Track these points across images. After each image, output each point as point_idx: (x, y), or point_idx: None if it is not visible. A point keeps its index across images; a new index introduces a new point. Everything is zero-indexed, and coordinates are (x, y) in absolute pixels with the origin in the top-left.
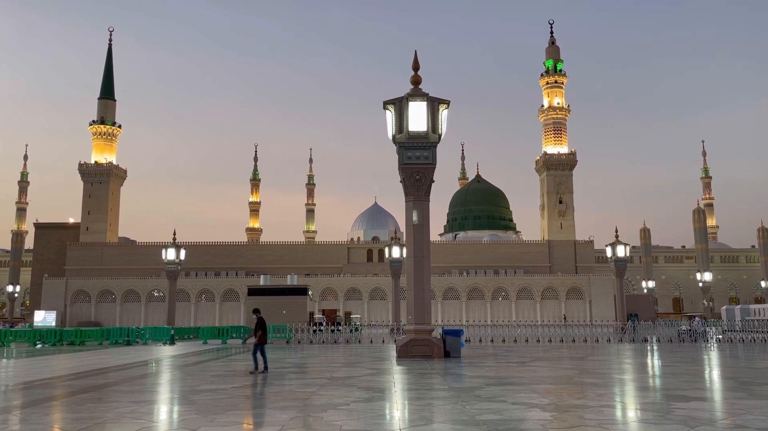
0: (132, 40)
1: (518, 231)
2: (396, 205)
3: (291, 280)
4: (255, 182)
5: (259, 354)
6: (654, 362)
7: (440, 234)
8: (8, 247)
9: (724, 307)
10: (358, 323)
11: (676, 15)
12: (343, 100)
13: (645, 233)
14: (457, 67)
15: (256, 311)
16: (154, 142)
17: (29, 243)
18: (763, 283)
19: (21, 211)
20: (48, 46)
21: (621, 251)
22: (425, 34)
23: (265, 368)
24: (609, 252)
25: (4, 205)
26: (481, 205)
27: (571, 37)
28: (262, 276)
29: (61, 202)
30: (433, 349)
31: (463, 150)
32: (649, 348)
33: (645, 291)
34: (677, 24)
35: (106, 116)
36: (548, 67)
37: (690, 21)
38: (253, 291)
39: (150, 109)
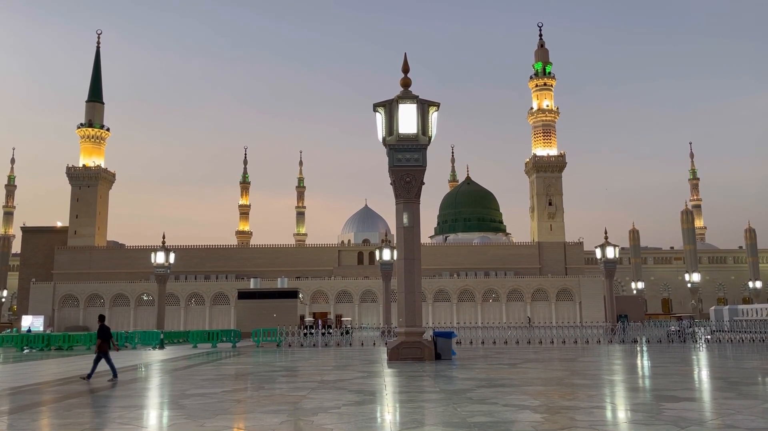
0: (120, 43)
1: (508, 233)
2: (386, 207)
3: (281, 283)
4: (245, 185)
5: (117, 360)
6: (644, 363)
7: (430, 237)
8: None
9: (712, 308)
10: (348, 326)
11: (663, 17)
12: (333, 102)
13: (634, 234)
14: (446, 70)
15: (100, 318)
16: (143, 144)
17: (16, 247)
18: (750, 284)
19: (8, 215)
20: (35, 49)
21: (610, 252)
22: (415, 37)
23: (89, 376)
24: (598, 253)
25: None
26: (471, 207)
27: (560, 40)
28: (252, 280)
29: (48, 206)
30: (424, 352)
31: (453, 152)
32: (638, 349)
33: (634, 292)
34: (664, 26)
35: (94, 119)
36: (537, 70)
37: (676, 22)
38: (244, 295)
39: (138, 111)
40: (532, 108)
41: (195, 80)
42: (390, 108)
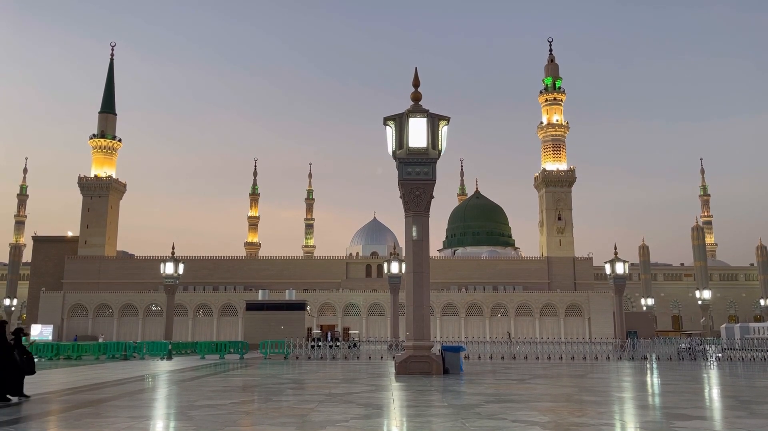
0: (133, 54)
1: (517, 248)
2: (395, 220)
3: (289, 295)
4: (254, 196)
5: None
6: (654, 380)
7: (439, 250)
8: (6, 260)
9: (723, 325)
10: (356, 339)
11: (675, 32)
12: (343, 115)
13: (644, 250)
14: (456, 83)
15: None
16: (154, 155)
17: (27, 256)
18: (762, 301)
19: (19, 224)
20: (49, 59)
21: (620, 268)
22: (425, 50)
23: None
24: (608, 269)
25: (2, 218)
26: (480, 221)
27: (570, 54)
28: (260, 291)
29: (60, 216)
30: (432, 366)
31: (462, 166)
32: (648, 366)
33: (644, 308)
34: (676, 41)
35: (106, 130)
36: (547, 85)
37: (688, 37)
38: (252, 306)
39: (149, 122)
40: (541, 122)
41: (206, 91)
42: (400, 121)
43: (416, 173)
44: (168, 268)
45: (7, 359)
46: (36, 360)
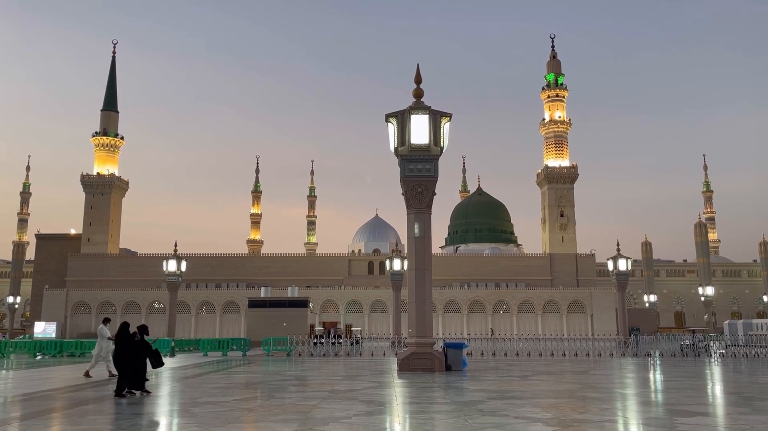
0: (135, 51)
1: (519, 245)
2: (397, 217)
3: (292, 292)
4: (256, 194)
5: None
6: (657, 377)
7: (441, 247)
8: (9, 258)
9: (726, 322)
10: (358, 336)
11: (678, 28)
12: (345, 112)
13: (646, 247)
14: (458, 80)
15: None
16: (156, 153)
17: (30, 254)
18: (765, 298)
19: (22, 222)
20: (51, 57)
21: (622, 265)
22: (427, 46)
23: None
24: (610, 265)
25: (5, 215)
26: (482, 218)
27: (572, 50)
28: (262, 289)
29: (62, 213)
30: (434, 363)
31: (464, 162)
32: (651, 362)
33: (647, 305)
34: (679, 37)
35: (108, 128)
36: (549, 81)
37: (692, 33)
38: (254, 304)
39: (152, 120)
40: (544, 119)
41: (208, 89)
42: (402, 118)
43: (418, 170)
44: (171, 266)
45: (130, 356)
46: (39, 357)
